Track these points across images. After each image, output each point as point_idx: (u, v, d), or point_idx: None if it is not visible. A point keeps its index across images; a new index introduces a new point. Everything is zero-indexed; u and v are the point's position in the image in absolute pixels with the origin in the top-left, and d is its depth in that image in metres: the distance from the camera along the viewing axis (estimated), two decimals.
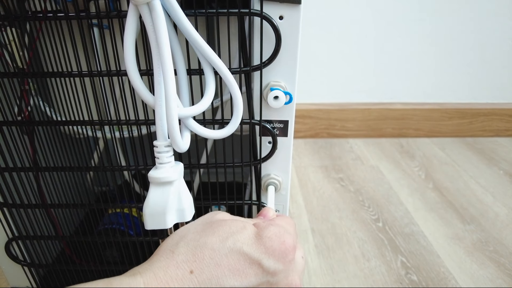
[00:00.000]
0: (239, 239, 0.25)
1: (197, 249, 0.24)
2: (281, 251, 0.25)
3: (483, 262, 0.60)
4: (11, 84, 0.34)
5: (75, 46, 0.31)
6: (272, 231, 0.26)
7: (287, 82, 0.33)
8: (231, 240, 0.25)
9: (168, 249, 0.25)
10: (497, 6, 0.93)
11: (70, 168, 0.37)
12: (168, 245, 0.25)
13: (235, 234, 0.25)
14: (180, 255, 0.24)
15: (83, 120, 0.34)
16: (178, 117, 0.26)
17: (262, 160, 0.36)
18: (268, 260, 0.25)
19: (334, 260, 0.60)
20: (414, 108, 1.03)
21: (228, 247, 0.24)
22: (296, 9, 0.30)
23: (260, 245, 0.25)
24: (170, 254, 0.24)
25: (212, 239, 0.25)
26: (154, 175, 0.27)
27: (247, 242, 0.25)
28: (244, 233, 0.25)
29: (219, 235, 0.25)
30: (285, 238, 0.26)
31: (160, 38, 0.24)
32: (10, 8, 0.31)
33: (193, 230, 0.26)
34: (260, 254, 0.24)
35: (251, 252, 0.24)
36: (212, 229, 0.26)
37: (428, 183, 0.82)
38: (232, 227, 0.26)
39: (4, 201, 0.38)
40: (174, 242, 0.25)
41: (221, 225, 0.26)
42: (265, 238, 0.25)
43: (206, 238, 0.25)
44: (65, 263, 0.43)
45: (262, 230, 0.26)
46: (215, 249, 0.24)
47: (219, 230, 0.25)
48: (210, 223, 0.27)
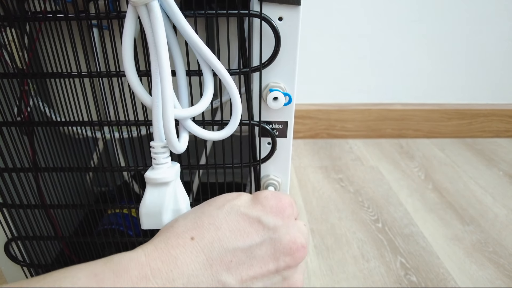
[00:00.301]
0: (236, 203, 0.26)
1: (196, 219, 0.25)
2: (278, 207, 0.26)
3: (482, 263, 0.60)
4: (11, 84, 0.34)
5: (74, 47, 0.31)
6: (267, 192, 0.27)
7: (286, 83, 0.33)
8: (227, 205, 0.25)
9: (168, 226, 0.25)
10: (497, 7, 0.93)
11: (70, 169, 0.37)
12: (167, 224, 0.26)
13: (231, 201, 0.26)
14: (180, 227, 0.24)
15: (82, 121, 0.34)
16: (175, 118, 0.26)
17: (262, 161, 0.36)
18: (267, 216, 0.25)
19: (334, 260, 0.60)
20: (413, 108, 1.03)
21: (226, 211, 0.25)
22: (295, 10, 0.30)
23: (257, 204, 0.26)
24: (169, 229, 0.25)
25: (209, 208, 0.25)
26: (150, 175, 0.27)
27: (244, 204, 0.26)
28: (240, 198, 0.26)
29: (216, 204, 0.26)
30: (281, 196, 0.26)
31: (157, 39, 0.25)
32: (9, 8, 0.31)
33: (193, 211, 0.27)
34: (258, 211, 0.25)
35: (249, 211, 0.25)
36: (207, 203, 0.26)
37: (427, 184, 0.82)
38: (228, 196, 0.27)
39: (3, 201, 0.38)
40: (173, 221, 0.26)
41: (216, 198, 0.27)
42: (261, 198, 0.26)
43: (203, 209, 0.25)
44: (65, 264, 0.43)
45: (258, 194, 0.27)
46: (212, 215, 0.25)
47: (215, 201, 0.26)
48: (207, 201, 0.28)
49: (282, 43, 0.31)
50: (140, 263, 0.22)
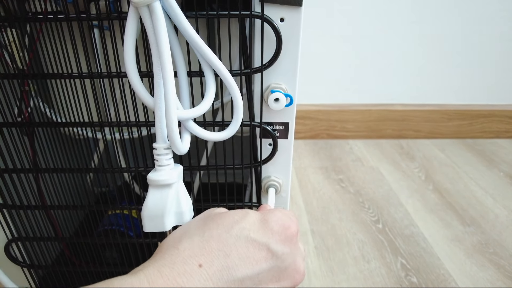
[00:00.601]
0: (245, 226, 0.24)
1: (203, 243, 0.23)
2: (286, 234, 0.25)
3: (483, 264, 0.60)
4: (11, 85, 0.34)
5: (75, 47, 0.31)
6: (276, 216, 0.26)
7: (287, 84, 0.33)
8: (236, 229, 0.24)
9: (171, 246, 0.24)
10: (497, 8, 0.93)
11: (70, 170, 0.37)
12: (170, 242, 0.24)
13: (239, 222, 0.25)
14: (186, 251, 0.23)
15: (83, 122, 0.34)
16: (177, 119, 0.26)
17: (263, 162, 0.36)
18: (276, 244, 0.24)
19: (334, 261, 0.60)
20: (414, 109, 1.03)
21: (235, 236, 0.24)
22: (297, 11, 0.30)
23: (266, 229, 0.25)
24: (174, 251, 0.23)
25: (217, 231, 0.24)
26: (153, 177, 0.27)
27: (252, 228, 0.25)
28: (249, 219, 0.25)
29: (223, 226, 0.24)
30: (290, 222, 0.26)
31: (160, 41, 0.24)
32: (10, 9, 0.31)
33: (195, 226, 0.25)
34: (267, 238, 0.24)
35: (258, 237, 0.24)
36: (214, 222, 0.25)
37: (428, 185, 0.82)
38: (235, 216, 0.25)
39: (4, 202, 0.38)
40: (177, 239, 0.24)
41: (222, 216, 0.25)
42: (270, 222, 0.25)
43: (211, 231, 0.24)
44: (65, 264, 0.43)
45: (266, 215, 0.26)
46: (222, 240, 0.23)
47: (222, 222, 0.25)
48: (210, 217, 0.26)
49: (283, 44, 0.31)
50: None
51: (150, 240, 0.40)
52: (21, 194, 0.38)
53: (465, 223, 0.69)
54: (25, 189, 0.38)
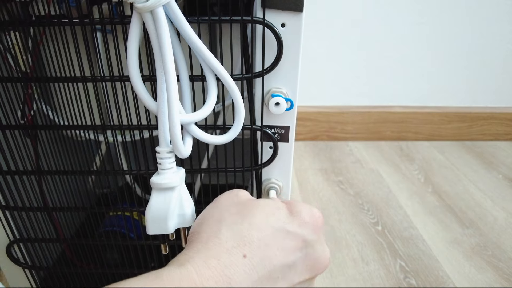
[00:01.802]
0: (280, 218, 0.26)
1: (244, 232, 0.24)
2: (317, 224, 0.27)
3: (481, 266, 0.60)
4: (15, 88, 0.35)
5: (78, 51, 0.31)
6: (305, 207, 0.27)
7: (288, 88, 0.33)
8: (273, 220, 0.25)
9: (212, 235, 0.24)
10: (497, 10, 0.93)
11: (73, 172, 0.37)
12: (207, 232, 0.25)
13: (274, 214, 0.26)
14: (229, 241, 0.24)
15: (85, 125, 0.35)
16: (180, 123, 0.27)
17: (263, 165, 0.37)
18: (309, 234, 0.26)
19: (333, 263, 0.60)
20: (413, 111, 1.03)
21: (272, 227, 0.25)
22: (298, 17, 0.30)
23: (299, 220, 0.26)
24: (217, 241, 0.24)
25: (255, 220, 0.25)
26: (156, 181, 0.27)
27: (285, 219, 0.26)
28: (281, 212, 0.26)
29: (260, 216, 0.25)
30: (317, 213, 0.27)
31: (163, 46, 0.25)
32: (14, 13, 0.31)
33: (228, 213, 0.26)
34: (299, 228, 0.26)
35: (294, 228, 0.26)
36: (248, 210, 0.26)
37: (427, 187, 0.83)
38: (268, 207, 0.26)
39: (6, 204, 0.39)
40: (214, 227, 0.25)
41: (255, 205, 0.26)
42: (302, 213, 0.27)
43: (249, 220, 0.25)
44: (66, 265, 0.44)
45: (295, 207, 0.27)
46: (261, 229, 0.25)
47: (257, 211, 0.26)
48: (241, 204, 0.27)
49: (284, 49, 0.31)
50: (192, 281, 0.21)
51: (151, 242, 0.41)
52: (23, 196, 0.38)
53: (464, 225, 0.70)
54: (28, 191, 0.38)
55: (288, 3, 0.29)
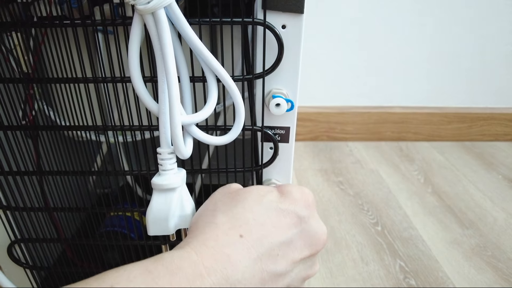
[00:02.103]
0: (272, 199, 0.27)
1: (238, 215, 0.25)
2: (308, 200, 0.28)
3: (481, 267, 0.60)
4: (16, 89, 0.35)
5: (80, 52, 0.31)
6: (294, 187, 0.29)
7: (289, 89, 0.33)
8: (265, 201, 0.27)
9: (208, 222, 0.25)
10: (497, 11, 0.93)
11: (74, 172, 0.37)
12: (203, 219, 0.26)
13: (266, 196, 0.27)
14: (225, 224, 0.25)
15: (87, 125, 0.35)
16: (181, 124, 0.27)
17: (264, 165, 0.37)
18: (301, 209, 0.27)
19: (333, 263, 0.60)
20: (413, 112, 1.03)
21: (265, 207, 0.26)
22: (298, 18, 0.30)
23: (288, 198, 0.27)
24: (212, 225, 0.25)
25: (248, 203, 0.26)
26: (157, 182, 0.27)
27: (279, 200, 0.27)
28: (273, 193, 0.28)
29: (252, 200, 0.27)
30: (306, 190, 0.29)
31: (164, 48, 0.25)
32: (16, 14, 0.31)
33: (222, 202, 0.27)
34: (294, 206, 0.27)
35: (286, 206, 0.27)
36: (241, 196, 0.27)
37: (427, 187, 0.83)
38: (259, 191, 0.28)
39: (7, 204, 0.39)
40: (210, 215, 0.26)
41: (248, 191, 0.28)
42: (292, 192, 0.28)
43: (242, 204, 0.26)
44: (67, 265, 0.44)
45: (285, 188, 0.29)
46: (254, 211, 0.26)
47: (250, 195, 0.27)
48: (234, 193, 0.28)
49: (285, 50, 0.31)
50: (193, 261, 0.22)
51: (152, 242, 0.41)
52: (24, 196, 0.39)
53: (463, 226, 0.70)
54: (29, 191, 0.39)
55: (288, 5, 0.29)
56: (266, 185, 0.30)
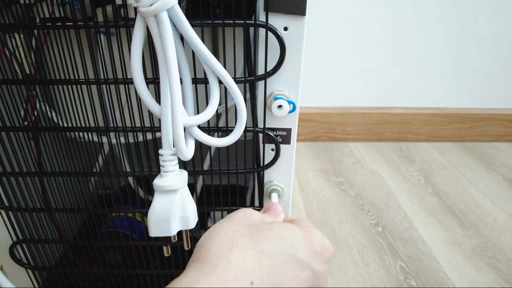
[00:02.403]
0: (293, 244, 0.25)
1: (254, 258, 0.24)
2: (327, 256, 0.27)
3: (481, 267, 0.60)
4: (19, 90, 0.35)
5: (82, 53, 0.31)
6: (319, 236, 0.27)
7: (290, 91, 0.33)
8: (285, 246, 0.25)
9: (222, 257, 0.24)
10: (497, 12, 0.93)
11: (75, 173, 0.37)
12: (218, 251, 0.24)
13: (287, 239, 0.26)
14: (238, 265, 0.23)
15: (89, 127, 0.35)
16: (183, 126, 0.27)
17: (265, 167, 0.37)
18: (317, 264, 0.26)
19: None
20: (414, 112, 1.03)
21: (284, 254, 0.25)
22: (300, 21, 0.30)
23: (311, 249, 0.26)
24: (226, 264, 0.23)
25: (268, 246, 0.25)
26: (159, 183, 0.27)
27: (299, 247, 0.26)
28: (294, 237, 0.26)
29: (273, 242, 0.25)
30: (328, 244, 0.27)
31: (166, 50, 0.25)
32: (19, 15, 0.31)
33: (241, 234, 0.26)
34: (311, 259, 0.26)
35: (304, 257, 0.25)
36: (262, 234, 0.26)
37: (427, 188, 0.83)
38: (282, 232, 0.26)
39: (9, 205, 0.39)
40: (225, 248, 0.24)
41: (269, 229, 0.26)
42: (315, 242, 0.26)
43: (261, 245, 0.25)
44: (68, 266, 0.44)
45: (309, 233, 0.27)
46: (272, 257, 0.24)
47: (270, 236, 0.26)
48: (255, 226, 0.27)
49: (287, 52, 0.31)
50: None
51: (153, 243, 0.41)
52: (26, 197, 0.39)
53: (464, 226, 0.70)
54: (31, 192, 0.39)
55: (290, 7, 0.29)
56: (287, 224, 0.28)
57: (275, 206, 0.32)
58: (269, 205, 0.33)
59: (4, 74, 0.33)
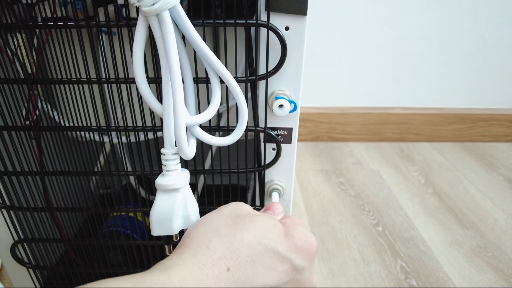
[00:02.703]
0: (273, 238, 0.26)
1: (234, 245, 0.24)
2: (308, 250, 0.27)
3: (482, 267, 0.60)
4: (20, 89, 0.35)
5: (84, 53, 0.31)
6: (301, 232, 0.27)
7: (291, 90, 0.33)
8: (265, 238, 0.25)
9: (202, 243, 0.24)
10: (498, 12, 0.93)
11: (77, 173, 0.37)
12: (200, 237, 0.25)
13: (269, 232, 0.26)
14: (217, 251, 0.24)
15: (90, 126, 0.35)
16: (185, 125, 0.27)
17: (266, 166, 0.37)
18: (298, 259, 0.26)
19: (334, 264, 0.61)
20: (414, 112, 1.03)
21: (264, 245, 0.25)
22: (301, 20, 0.30)
23: (291, 243, 0.26)
24: (205, 250, 0.24)
25: (248, 236, 0.25)
26: (161, 182, 0.27)
27: (279, 240, 0.26)
28: (276, 231, 0.26)
29: (254, 233, 0.25)
30: (312, 240, 0.27)
31: (168, 49, 0.25)
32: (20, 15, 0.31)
33: (224, 223, 0.26)
34: (292, 253, 0.26)
35: (284, 250, 0.26)
36: (244, 224, 0.26)
37: (427, 188, 0.83)
38: (265, 225, 0.26)
39: (11, 204, 0.39)
40: (207, 236, 0.25)
41: (253, 221, 0.26)
42: (296, 237, 0.26)
43: (242, 235, 0.25)
44: (69, 265, 0.44)
45: (291, 229, 0.27)
46: (251, 247, 0.25)
47: (252, 227, 0.26)
48: (240, 217, 0.27)
49: (288, 52, 0.31)
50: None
51: (154, 242, 0.41)
52: (27, 196, 0.39)
53: (464, 226, 0.70)
54: (32, 191, 0.39)
55: (292, 7, 0.29)
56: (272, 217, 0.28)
57: (275, 206, 0.32)
58: (269, 205, 0.33)
59: (6, 74, 0.33)
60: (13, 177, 0.38)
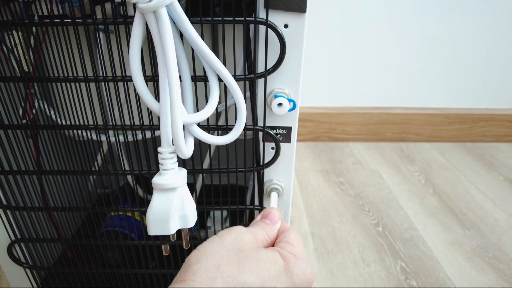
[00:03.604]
0: (274, 278, 0.26)
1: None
2: (305, 284, 0.27)
3: (482, 268, 0.60)
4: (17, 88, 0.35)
5: (81, 51, 0.31)
6: (300, 268, 0.27)
7: (291, 89, 0.33)
8: (268, 280, 0.26)
9: (205, 284, 0.25)
10: (498, 12, 0.93)
11: (74, 172, 0.37)
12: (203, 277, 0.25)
13: (270, 271, 0.26)
14: None
15: (87, 125, 0.35)
16: (182, 124, 0.27)
17: (265, 165, 0.37)
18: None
19: (334, 264, 0.60)
20: (414, 112, 1.03)
21: (263, 285, 0.25)
22: (301, 18, 0.30)
23: (290, 283, 0.27)
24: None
25: (251, 278, 0.25)
26: (158, 181, 0.27)
27: (279, 280, 0.26)
28: (277, 269, 0.27)
29: (257, 274, 0.26)
30: (309, 275, 0.28)
31: (166, 47, 0.25)
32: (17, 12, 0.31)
33: (227, 261, 0.26)
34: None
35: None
36: (247, 264, 0.26)
37: (428, 188, 0.83)
38: (267, 264, 0.27)
39: (7, 203, 0.39)
40: (210, 275, 0.25)
41: (256, 259, 0.27)
42: (294, 276, 0.27)
43: (245, 276, 0.25)
44: (67, 265, 0.44)
45: (291, 266, 0.27)
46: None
47: (255, 267, 0.26)
48: (243, 253, 0.27)
49: (287, 50, 0.31)
50: None
51: (152, 242, 0.41)
52: (24, 196, 0.38)
53: (464, 227, 0.70)
54: (29, 190, 0.38)
55: (291, 4, 0.29)
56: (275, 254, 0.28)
57: (272, 214, 0.32)
58: (267, 212, 0.32)
59: (2, 72, 0.33)
60: (10, 177, 0.37)
